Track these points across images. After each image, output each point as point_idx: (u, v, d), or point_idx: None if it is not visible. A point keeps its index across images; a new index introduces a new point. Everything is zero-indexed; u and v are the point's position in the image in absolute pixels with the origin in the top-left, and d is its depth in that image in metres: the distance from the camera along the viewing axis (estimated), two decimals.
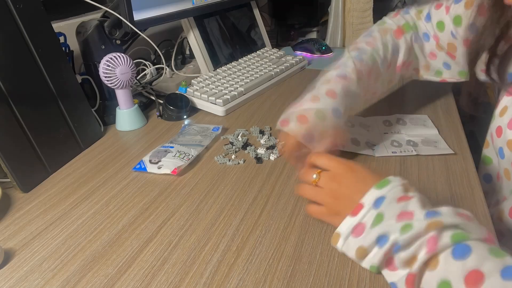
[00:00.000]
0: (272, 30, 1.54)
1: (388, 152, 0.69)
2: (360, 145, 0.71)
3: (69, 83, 0.77)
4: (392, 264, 0.43)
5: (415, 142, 0.71)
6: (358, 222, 0.45)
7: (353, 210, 0.46)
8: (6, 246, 0.53)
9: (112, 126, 0.88)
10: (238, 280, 0.45)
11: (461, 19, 0.68)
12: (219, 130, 0.79)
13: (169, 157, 0.69)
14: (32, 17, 0.70)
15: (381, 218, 0.44)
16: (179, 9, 0.98)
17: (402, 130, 0.75)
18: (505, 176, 0.62)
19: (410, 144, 0.71)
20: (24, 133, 0.66)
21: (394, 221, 0.43)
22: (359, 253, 0.45)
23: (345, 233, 0.46)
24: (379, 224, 0.44)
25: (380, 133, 0.75)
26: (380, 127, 0.77)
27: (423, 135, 0.73)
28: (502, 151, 0.61)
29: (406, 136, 0.73)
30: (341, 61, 0.69)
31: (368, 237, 0.44)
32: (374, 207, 0.45)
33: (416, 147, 0.69)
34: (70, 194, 0.64)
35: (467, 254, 0.37)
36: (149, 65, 1.06)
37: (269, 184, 0.63)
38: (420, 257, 0.40)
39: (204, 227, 0.54)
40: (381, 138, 0.73)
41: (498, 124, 0.62)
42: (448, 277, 0.37)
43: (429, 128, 0.75)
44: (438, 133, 0.74)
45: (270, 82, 1.02)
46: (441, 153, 0.67)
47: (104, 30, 0.86)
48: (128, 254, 0.50)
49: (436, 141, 0.71)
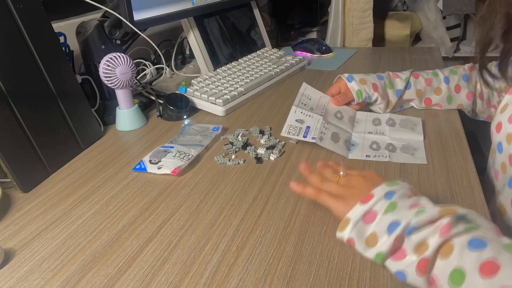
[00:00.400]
0: (272, 30, 1.54)
1: (362, 155, 0.69)
2: (339, 143, 0.71)
3: (69, 83, 0.77)
4: (399, 252, 0.42)
5: (394, 147, 0.70)
6: (369, 209, 0.45)
7: (364, 199, 0.46)
8: (6, 246, 0.53)
9: (112, 126, 0.88)
10: (238, 280, 0.45)
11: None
12: (219, 130, 0.79)
13: (169, 157, 0.69)
14: (32, 17, 0.70)
15: (394, 207, 0.44)
16: (179, 9, 0.98)
17: (387, 132, 0.75)
18: (501, 169, 0.62)
19: (388, 148, 0.70)
20: (24, 133, 0.66)
21: (407, 210, 0.43)
22: (369, 240, 0.44)
23: (355, 218, 0.45)
24: (392, 211, 0.44)
25: (364, 132, 0.76)
26: (367, 125, 0.78)
27: (406, 140, 0.72)
28: (500, 145, 0.61)
29: (389, 138, 0.73)
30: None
31: (380, 223, 0.44)
32: (385, 198, 0.46)
33: (393, 153, 0.68)
34: (70, 194, 0.64)
35: (483, 246, 0.37)
36: (149, 65, 1.06)
37: (269, 184, 0.63)
38: (433, 242, 0.39)
39: (204, 227, 0.54)
40: (363, 137, 0.74)
41: (498, 121, 0.62)
42: (463, 266, 0.37)
43: (415, 133, 0.73)
44: (422, 140, 0.72)
45: (270, 82, 1.02)
46: (415, 162, 0.66)
47: (104, 30, 0.86)
48: (128, 254, 0.50)
49: (416, 149, 0.69)
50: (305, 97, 0.81)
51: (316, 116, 0.75)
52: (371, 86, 0.80)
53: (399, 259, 0.42)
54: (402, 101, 0.83)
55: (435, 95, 0.82)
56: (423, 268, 0.39)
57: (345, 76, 0.82)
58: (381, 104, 0.81)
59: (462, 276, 0.37)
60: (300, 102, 0.79)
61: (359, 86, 0.80)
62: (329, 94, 0.84)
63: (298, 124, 0.73)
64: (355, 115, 0.81)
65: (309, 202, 0.57)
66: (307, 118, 0.75)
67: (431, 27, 1.54)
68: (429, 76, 0.82)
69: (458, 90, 0.81)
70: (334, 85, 0.85)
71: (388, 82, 0.81)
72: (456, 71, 0.82)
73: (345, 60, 1.23)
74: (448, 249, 0.39)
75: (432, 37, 1.56)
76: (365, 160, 0.68)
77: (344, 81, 0.82)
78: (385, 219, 0.44)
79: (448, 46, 1.56)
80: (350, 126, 0.77)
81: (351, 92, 0.81)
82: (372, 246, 0.44)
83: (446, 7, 1.46)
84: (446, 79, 0.81)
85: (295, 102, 0.78)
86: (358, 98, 0.80)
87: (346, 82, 0.81)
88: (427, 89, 0.81)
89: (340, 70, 1.14)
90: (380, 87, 0.80)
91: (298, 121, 0.73)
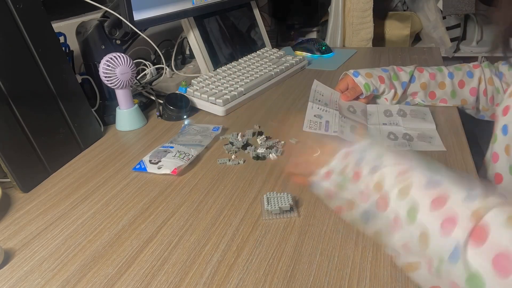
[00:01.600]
0: (272, 30, 1.54)
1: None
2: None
3: (69, 83, 0.77)
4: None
5: (411, 136, 0.73)
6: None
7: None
8: (6, 246, 0.53)
9: (112, 126, 0.88)
10: (238, 280, 0.45)
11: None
12: (219, 130, 0.79)
13: (169, 157, 0.69)
14: (32, 17, 0.70)
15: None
16: (179, 9, 0.98)
17: (400, 122, 0.77)
18: (505, 152, 0.61)
19: (405, 138, 0.72)
20: (24, 133, 0.66)
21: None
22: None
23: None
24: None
25: (379, 124, 0.77)
26: (380, 116, 0.80)
27: (420, 129, 0.75)
28: (506, 128, 0.60)
29: (404, 129, 0.75)
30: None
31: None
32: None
33: (411, 142, 0.71)
34: (70, 194, 0.64)
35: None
36: (149, 65, 1.06)
37: (269, 184, 0.63)
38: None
39: (204, 227, 0.54)
40: (379, 129, 0.76)
41: (506, 104, 0.62)
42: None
43: (427, 122, 0.76)
44: (435, 129, 0.75)
45: (270, 82, 1.02)
46: (434, 149, 0.68)
47: (104, 30, 0.86)
48: (128, 254, 0.50)
49: (432, 137, 0.72)
50: (318, 94, 0.83)
51: (332, 111, 0.77)
52: (378, 79, 0.82)
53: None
54: (407, 95, 0.84)
55: (439, 89, 0.83)
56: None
57: (351, 72, 0.84)
58: (388, 94, 0.83)
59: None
60: (314, 98, 0.81)
61: (366, 80, 0.82)
62: (338, 90, 0.86)
63: (317, 119, 0.75)
64: (366, 109, 0.83)
65: (309, 202, 0.57)
66: (324, 113, 0.77)
67: (431, 27, 1.54)
68: (434, 71, 0.84)
69: (462, 85, 0.82)
70: (341, 81, 0.87)
71: (393, 74, 0.83)
72: (461, 68, 0.84)
73: (345, 60, 1.23)
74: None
75: (432, 37, 1.56)
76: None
77: (350, 77, 0.84)
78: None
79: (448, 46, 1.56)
80: (364, 119, 0.79)
81: (359, 86, 0.83)
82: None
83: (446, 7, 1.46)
84: (450, 74, 0.83)
85: (310, 98, 0.80)
86: (366, 92, 0.82)
87: (353, 78, 0.83)
88: (431, 82, 0.83)
89: (340, 70, 1.13)
90: (387, 78, 0.82)
91: (316, 116, 0.75)
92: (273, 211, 0.55)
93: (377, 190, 0.39)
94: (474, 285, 0.31)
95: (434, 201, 0.35)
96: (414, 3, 1.57)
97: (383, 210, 0.38)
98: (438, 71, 0.84)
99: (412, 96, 0.84)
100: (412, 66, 0.85)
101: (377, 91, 0.83)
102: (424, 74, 0.83)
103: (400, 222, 0.36)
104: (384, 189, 0.38)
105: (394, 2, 1.60)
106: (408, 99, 0.85)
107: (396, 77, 0.83)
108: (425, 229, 0.34)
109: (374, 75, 0.82)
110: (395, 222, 0.37)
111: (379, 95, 0.84)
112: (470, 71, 0.82)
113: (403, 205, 0.36)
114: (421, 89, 0.83)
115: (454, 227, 0.33)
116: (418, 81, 0.83)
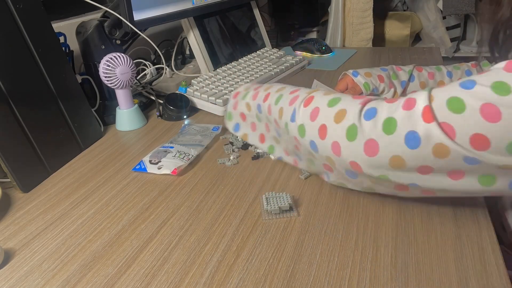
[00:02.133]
0: (272, 30, 1.54)
1: None
2: None
3: (69, 83, 0.77)
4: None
5: None
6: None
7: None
8: (6, 246, 0.53)
9: (112, 126, 0.88)
10: (238, 280, 0.45)
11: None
12: (218, 130, 0.79)
13: (169, 157, 0.69)
14: (32, 17, 0.70)
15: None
16: (179, 9, 0.98)
17: None
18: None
19: None
20: (24, 133, 0.66)
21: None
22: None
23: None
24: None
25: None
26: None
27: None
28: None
29: None
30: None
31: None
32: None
33: None
34: (70, 194, 0.64)
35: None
36: (149, 65, 1.06)
37: (269, 184, 0.63)
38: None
39: (204, 227, 0.54)
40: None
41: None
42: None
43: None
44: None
45: (270, 82, 1.02)
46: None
47: (104, 30, 0.86)
48: (128, 254, 0.50)
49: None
50: None
51: None
52: (377, 78, 0.82)
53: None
54: (406, 94, 0.84)
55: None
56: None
57: (350, 72, 0.84)
58: (388, 93, 0.83)
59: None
60: None
61: (365, 79, 0.82)
62: (337, 90, 0.86)
63: None
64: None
65: (309, 202, 0.57)
66: None
67: (431, 27, 1.54)
68: (432, 70, 0.84)
69: None
70: (340, 82, 0.87)
71: (392, 73, 0.83)
72: (460, 67, 0.84)
73: (345, 60, 1.23)
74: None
75: (432, 37, 1.56)
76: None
77: (350, 77, 0.84)
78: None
79: (448, 46, 1.56)
80: None
81: (359, 85, 0.83)
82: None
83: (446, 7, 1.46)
84: (449, 73, 0.83)
85: None
86: (366, 91, 0.82)
87: (352, 77, 0.84)
88: (430, 82, 0.83)
89: (340, 70, 1.13)
90: (386, 77, 0.82)
91: None
92: (273, 211, 0.55)
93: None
94: (301, 132, 0.52)
95: (292, 92, 0.58)
96: (414, 3, 1.57)
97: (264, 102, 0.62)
98: (437, 70, 0.84)
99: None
100: (411, 65, 0.85)
101: (376, 90, 0.83)
102: (423, 74, 0.84)
103: (272, 105, 0.60)
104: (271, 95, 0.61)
105: (394, 2, 1.60)
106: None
107: (395, 76, 0.83)
108: (282, 106, 0.57)
109: (374, 75, 0.82)
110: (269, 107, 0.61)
111: (378, 94, 0.84)
112: (469, 70, 0.82)
113: (276, 96, 0.60)
114: (420, 89, 0.83)
115: (296, 99, 0.55)
116: (417, 80, 0.83)
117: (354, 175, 0.49)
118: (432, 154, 0.41)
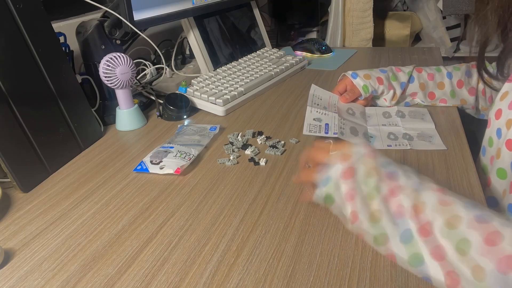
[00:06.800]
0: (272, 30, 1.54)
1: (384, 145, 0.71)
2: (358, 136, 0.73)
3: (69, 83, 0.77)
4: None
5: (410, 136, 0.73)
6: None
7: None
8: (6, 246, 0.53)
9: (112, 126, 0.88)
10: (238, 280, 0.45)
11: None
12: (216, 130, 0.79)
13: (170, 157, 0.69)
14: (32, 17, 0.70)
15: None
16: (179, 9, 0.98)
17: (399, 123, 0.78)
18: (496, 156, 0.61)
19: (406, 137, 0.73)
20: (24, 133, 0.66)
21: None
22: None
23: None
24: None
25: (378, 125, 0.78)
26: (379, 118, 0.80)
27: (419, 129, 0.75)
28: (500, 131, 0.61)
29: (403, 129, 0.76)
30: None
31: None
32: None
33: (411, 141, 0.71)
34: (70, 194, 0.64)
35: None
36: (149, 65, 1.06)
37: (269, 184, 0.63)
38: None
39: (204, 227, 0.54)
40: (378, 130, 0.76)
41: (497, 108, 0.62)
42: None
43: (426, 122, 0.77)
44: (434, 128, 0.75)
45: (270, 82, 1.02)
46: (435, 148, 0.69)
47: (104, 30, 0.86)
48: (128, 254, 0.50)
49: (432, 136, 0.73)
50: (316, 98, 0.83)
51: (331, 114, 0.77)
52: (376, 80, 0.82)
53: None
54: (406, 95, 0.84)
55: (438, 89, 0.83)
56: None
57: (349, 74, 0.84)
58: (387, 95, 0.83)
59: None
60: (313, 102, 0.81)
61: (364, 81, 0.82)
62: (336, 92, 0.86)
63: (316, 122, 0.75)
64: (365, 111, 0.84)
65: (309, 202, 0.57)
66: (323, 116, 0.77)
67: (431, 27, 1.54)
68: (432, 71, 0.84)
69: (461, 85, 0.82)
70: (339, 83, 0.87)
71: (391, 75, 0.83)
72: (460, 67, 0.84)
73: (345, 60, 1.23)
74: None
75: (432, 37, 1.56)
76: (387, 150, 0.70)
77: (349, 79, 0.84)
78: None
79: (448, 46, 1.56)
80: (364, 121, 0.80)
81: (358, 88, 0.82)
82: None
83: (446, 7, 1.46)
84: (449, 74, 0.83)
85: (308, 103, 0.80)
86: (365, 93, 0.82)
87: (351, 79, 0.83)
88: (429, 83, 0.83)
89: (340, 70, 1.13)
90: (385, 79, 0.82)
91: (316, 119, 0.76)
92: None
93: (415, 212, 0.40)
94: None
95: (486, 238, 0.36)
96: (414, 3, 1.57)
97: (424, 236, 0.39)
98: (437, 71, 0.84)
99: (412, 96, 0.84)
100: (410, 66, 0.85)
101: (375, 92, 0.83)
102: (423, 75, 0.83)
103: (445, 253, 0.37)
104: (424, 213, 0.40)
105: (394, 2, 1.60)
106: (407, 100, 0.85)
107: (394, 78, 0.83)
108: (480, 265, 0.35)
109: (373, 77, 0.82)
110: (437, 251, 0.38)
111: (378, 95, 0.84)
112: (469, 71, 0.82)
113: (451, 236, 0.37)
114: (420, 90, 0.83)
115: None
116: (417, 81, 0.83)
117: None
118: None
